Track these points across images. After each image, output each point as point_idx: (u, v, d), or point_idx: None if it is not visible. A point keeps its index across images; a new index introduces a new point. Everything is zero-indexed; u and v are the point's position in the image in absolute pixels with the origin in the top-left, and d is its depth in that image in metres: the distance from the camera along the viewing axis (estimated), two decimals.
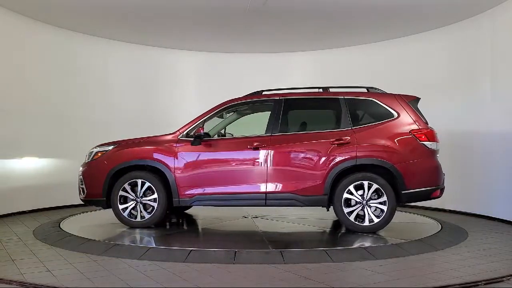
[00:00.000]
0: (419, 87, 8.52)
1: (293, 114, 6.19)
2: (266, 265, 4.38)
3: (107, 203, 6.08)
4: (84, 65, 8.95)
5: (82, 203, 8.41)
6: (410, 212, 7.81)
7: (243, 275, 4.07)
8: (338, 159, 5.65)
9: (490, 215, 7.30)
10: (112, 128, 9.05)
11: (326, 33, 8.85)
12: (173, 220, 6.96)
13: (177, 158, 5.92)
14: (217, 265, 4.38)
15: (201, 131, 5.90)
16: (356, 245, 5.18)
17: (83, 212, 7.73)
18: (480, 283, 3.85)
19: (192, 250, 4.71)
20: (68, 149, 8.64)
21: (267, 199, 5.77)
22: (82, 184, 6.22)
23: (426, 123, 5.87)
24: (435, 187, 5.71)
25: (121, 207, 5.99)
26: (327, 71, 9.69)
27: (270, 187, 5.75)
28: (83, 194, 6.25)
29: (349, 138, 5.70)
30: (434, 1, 7.10)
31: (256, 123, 6.33)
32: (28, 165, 7.95)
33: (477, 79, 7.70)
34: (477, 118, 7.64)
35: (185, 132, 6.06)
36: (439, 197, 5.85)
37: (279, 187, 5.75)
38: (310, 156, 5.73)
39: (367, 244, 5.16)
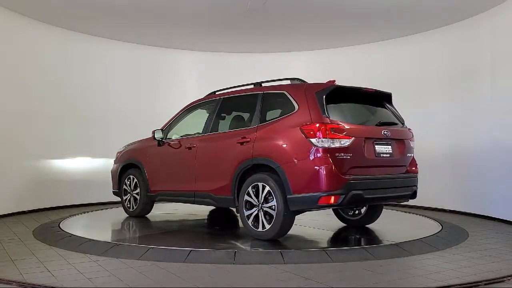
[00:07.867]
0: (419, 87, 8.55)
1: (224, 113, 6.14)
2: (266, 265, 4.38)
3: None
4: (83, 65, 8.93)
5: (82, 203, 8.63)
6: (410, 212, 7.81)
7: (243, 275, 4.07)
8: (239, 159, 5.37)
9: (490, 215, 7.29)
10: (112, 128, 9.05)
11: (326, 33, 8.84)
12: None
13: (148, 158, 6.69)
14: (217, 265, 4.38)
15: (153, 133, 6.50)
16: (356, 245, 5.17)
17: (83, 212, 7.73)
18: (480, 283, 3.84)
19: (192, 250, 4.70)
20: (68, 149, 8.64)
21: (195, 197, 5.95)
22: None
23: (327, 116, 4.90)
24: (323, 193, 4.74)
25: (124, 198, 7.10)
26: (327, 71, 9.63)
27: (197, 186, 5.90)
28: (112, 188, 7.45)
29: (250, 136, 5.35)
30: (433, 1, 7.10)
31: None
32: (27, 165, 7.95)
33: (477, 79, 7.69)
34: (477, 118, 7.64)
35: None
36: (337, 205, 4.88)
37: (202, 186, 5.84)
38: (221, 156, 5.63)
39: (367, 244, 5.15)
